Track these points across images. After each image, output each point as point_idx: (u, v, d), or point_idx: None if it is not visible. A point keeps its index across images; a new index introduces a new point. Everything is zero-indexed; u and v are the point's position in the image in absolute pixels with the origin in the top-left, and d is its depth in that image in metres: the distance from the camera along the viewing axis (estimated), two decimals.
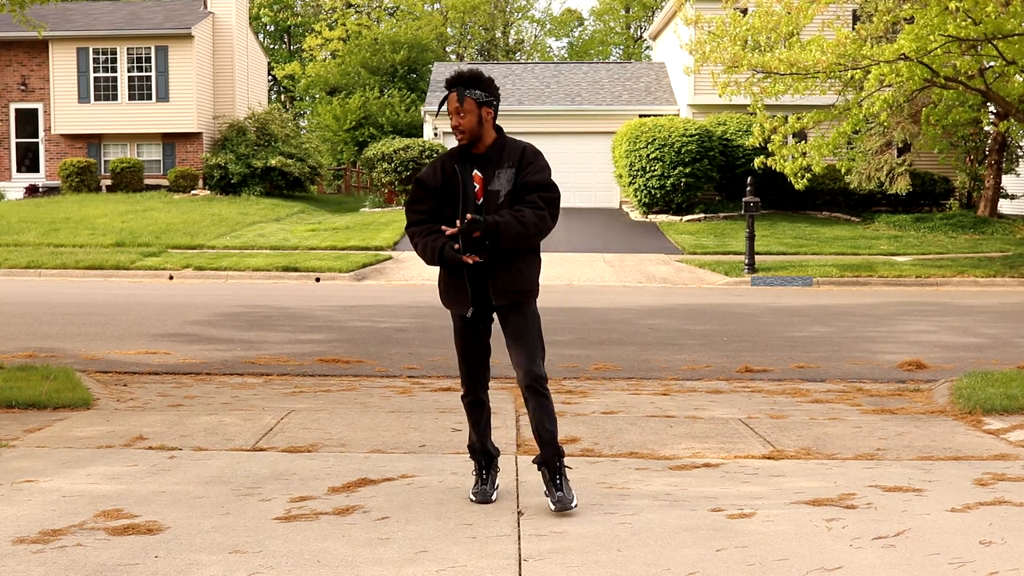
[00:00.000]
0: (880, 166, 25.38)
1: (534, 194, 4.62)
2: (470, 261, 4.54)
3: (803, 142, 21.72)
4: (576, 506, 4.67)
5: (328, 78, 49.43)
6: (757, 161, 21.31)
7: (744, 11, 20.85)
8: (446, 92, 4.72)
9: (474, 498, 4.78)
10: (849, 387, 8.42)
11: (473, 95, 4.64)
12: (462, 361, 4.85)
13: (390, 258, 21.53)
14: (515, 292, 4.70)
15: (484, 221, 4.50)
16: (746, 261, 19.93)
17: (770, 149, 20.84)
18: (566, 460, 4.86)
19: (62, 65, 31.76)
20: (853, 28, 20.22)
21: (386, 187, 30.56)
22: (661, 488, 5.08)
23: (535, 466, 4.84)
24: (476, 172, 4.69)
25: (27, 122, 32.84)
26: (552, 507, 4.64)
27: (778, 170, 21.13)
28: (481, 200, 4.66)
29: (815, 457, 5.83)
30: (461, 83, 4.66)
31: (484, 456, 4.89)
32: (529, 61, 53.66)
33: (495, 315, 4.83)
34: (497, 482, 4.94)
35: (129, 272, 20.23)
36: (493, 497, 4.80)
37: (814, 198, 27.62)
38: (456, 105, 4.63)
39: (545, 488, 4.75)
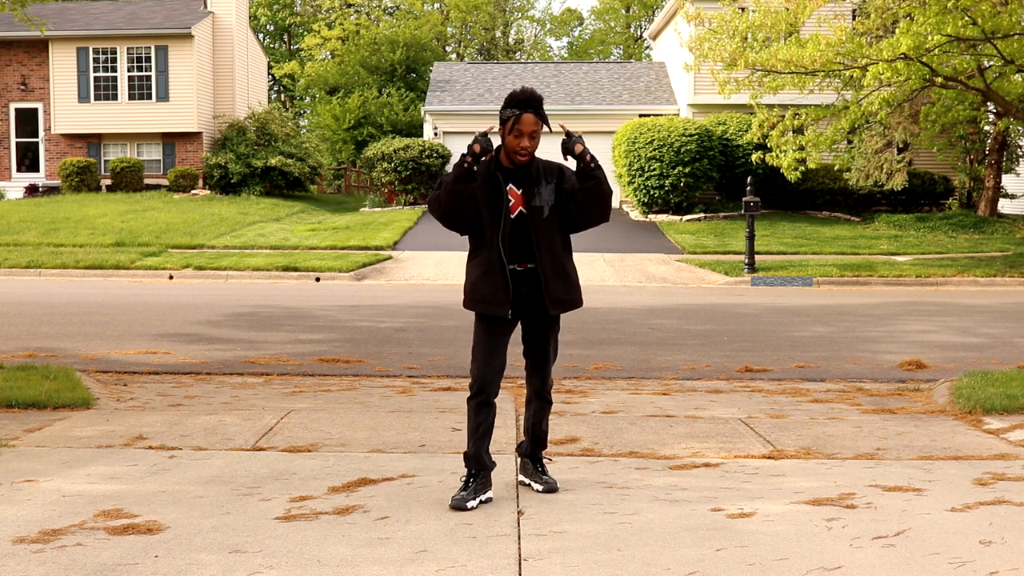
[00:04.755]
0: (880, 164, 25.40)
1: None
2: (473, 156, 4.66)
3: (801, 137, 21.73)
4: (559, 489, 4.97)
5: (327, 77, 49.45)
6: (755, 156, 21.28)
7: (743, 9, 20.86)
8: (516, 112, 4.66)
9: (451, 503, 4.66)
10: (849, 387, 8.42)
11: (543, 119, 4.73)
12: (482, 365, 4.76)
13: (390, 258, 21.52)
14: (567, 302, 4.84)
15: (586, 151, 4.72)
16: (746, 261, 19.93)
17: (768, 144, 20.82)
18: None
19: (62, 65, 31.76)
20: (851, 25, 20.21)
21: (386, 187, 30.57)
22: (661, 488, 5.08)
23: (518, 455, 5.16)
24: (512, 187, 4.76)
25: (27, 122, 32.85)
26: (539, 488, 4.95)
27: (774, 164, 21.13)
28: (514, 215, 4.73)
29: (815, 457, 5.83)
30: (539, 105, 4.71)
31: (476, 465, 4.77)
32: (529, 61, 53.65)
33: (520, 321, 4.89)
34: (488, 495, 4.78)
35: (129, 272, 20.23)
36: (469, 505, 4.65)
37: (814, 198, 27.63)
38: (534, 128, 4.68)
39: (527, 476, 5.05)
